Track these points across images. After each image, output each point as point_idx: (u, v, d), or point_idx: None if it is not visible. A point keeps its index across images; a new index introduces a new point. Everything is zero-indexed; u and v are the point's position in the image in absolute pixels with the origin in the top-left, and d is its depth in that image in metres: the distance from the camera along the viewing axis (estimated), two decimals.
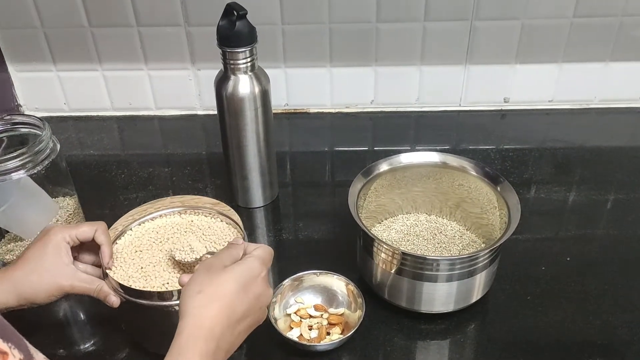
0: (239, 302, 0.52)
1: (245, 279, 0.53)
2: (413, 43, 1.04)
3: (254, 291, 0.53)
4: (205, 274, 0.53)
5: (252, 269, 0.54)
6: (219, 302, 0.51)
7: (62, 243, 0.62)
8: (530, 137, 1.05)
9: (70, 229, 0.63)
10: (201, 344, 0.49)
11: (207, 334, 0.49)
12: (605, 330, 0.69)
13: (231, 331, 0.51)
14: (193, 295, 0.51)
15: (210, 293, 0.51)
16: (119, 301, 0.62)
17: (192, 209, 0.74)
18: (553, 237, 0.83)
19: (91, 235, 0.64)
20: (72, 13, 1.02)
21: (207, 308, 0.50)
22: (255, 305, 0.53)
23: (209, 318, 0.50)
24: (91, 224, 0.65)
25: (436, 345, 0.70)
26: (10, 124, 0.77)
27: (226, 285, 0.52)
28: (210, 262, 0.54)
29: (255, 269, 0.54)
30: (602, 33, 1.03)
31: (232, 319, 0.51)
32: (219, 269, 0.53)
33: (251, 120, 0.81)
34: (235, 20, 0.74)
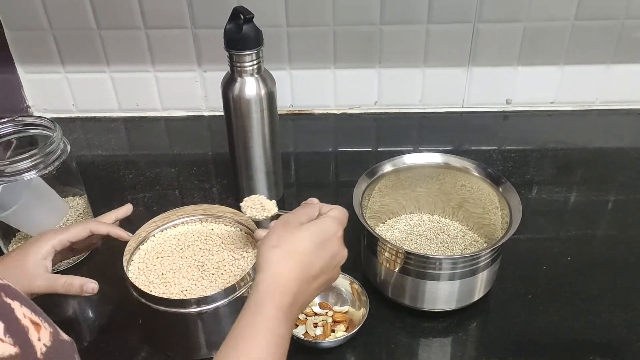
0: (314, 260, 0.53)
1: (321, 237, 0.54)
2: (416, 45, 1.06)
3: (330, 250, 0.54)
4: (282, 230, 0.53)
5: (328, 228, 0.55)
6: (295, 258, 0.52)
7: (49, 250, 0.64)
8: (532, 139, 1.06)
9: (61, 234, 0.65)
10: (278, 297, 0.50)
11: (283, 288, 0.51)
12: (605, 329, 0.70)
13: (306, 287, 0.52)
14: (269, 249, 0.52)
15: (287, 248, 0.52)
16: (97, 285, 0.64)
17: (213, 217, 0.76)
18: (554, 237, 0.84)
19: (85, 234, 0.66)
20: (80, 15, 1.04)
21: (283, 263, 0.51)
22: (330, 264, 0.54)
23: (285, 273, 0.51)
24: (82, 223, 0.67)
25: (438, 342, 0.71)
26: (22, 125, 0.79)
27: (303, 242, 0.53)
28: (287, 218, 0.55)
29: (331, 228, 0.55)
30: (604, 35, 1.04)
31: (307, 275, 0.52)
32: (296, 226, 0.54)
33: (257, 122, 0.82)
34: (242, 23, 0.75)
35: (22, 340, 0.33)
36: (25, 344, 0.33)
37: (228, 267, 0.69)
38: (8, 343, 0.32)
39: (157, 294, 0.65)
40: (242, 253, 0.71)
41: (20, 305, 0.35)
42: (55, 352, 0.36)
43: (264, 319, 0.49)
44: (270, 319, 0.49)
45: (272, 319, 0.49)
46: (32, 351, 0.34)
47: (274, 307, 0.50)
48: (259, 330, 0.49)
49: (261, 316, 0.49)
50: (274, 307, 0.50)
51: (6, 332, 0.33)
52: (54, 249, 0.64)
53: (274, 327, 0.49)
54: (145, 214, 0.89)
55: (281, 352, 0.49)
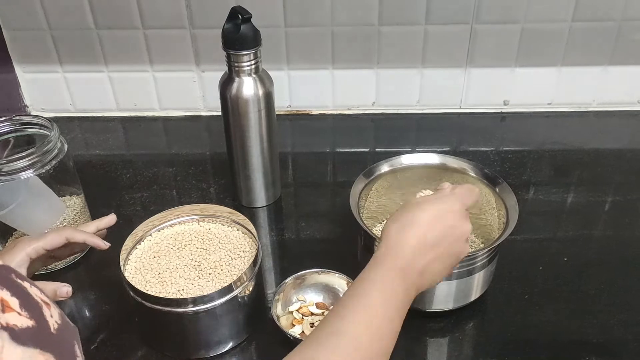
0: (430, 229, 0.54)
1: (438, 210, 0.56)
2: (414, 46, 1.06)
3: (448, 222, 0.55)
4: (402, 209, 0.57)
5: (446, 202, 0.57)
6: (410, 228, 0.54)
7: (24, 258, 0.63)
8: (529, 140, 1.07)
9: (36, 242, 0.64)
10: (390, 260, 0.53)
11: (396, 252, 0.53)
12: (601, 329, 0.70)
13: (423, 255, 0.54)
14: (389, 225, 0.56)
15: (404, 221, 0.55)
16: (70, 289, 0.63)
17: (210, 217, 0.76)
18: (551, 238, 0.85)
19: (61, 242, 0.65)
20: (78, 15, 1.04)
21: (400, 233, 0.54)
22: (448, 235, 0.55)
23: (400, 240, 0.54)
24: (57, 230, 0.66)
25: (435, 342, 0.71)
26: (19, 124, 0.79)
27: (418, 213, 0.55)
28: (411, 200, 0.58)
29: (450, 202, 0.57)
30: (601, 37, 1.04)
31: (422, 243, 0.54)
32: (414, 203, 0.57)
33: (255, 122, 0.82)
34: (240, 23, 0.76)
35: (37, 315, 0.34)
36: (40, 319, 0.34)
37: (225, 267, 0.69)
38: (25, 317, 0.33)
39: (153, 293, 0.65)
40: (238, 253, 0.71)
41: (30, 285, 0.36)
42: (65, 330, 0.36)
43: (377, 276, 0.52)
44: (383, 276, 0.52)
45: (383, 276, 0.52)
46: (46, 326, 0.35)
47: (386, 268, 0.52)
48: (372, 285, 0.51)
49: (375, 273, 0.52)
50: (386, 269, 0.52)
51: (22, 306, 0.33)
52: (28, 257, 0.63)
53: (387, 283, 0.52)
54: (142, 214, 0.89)
55: (394, 311, 0.51)
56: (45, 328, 0.34)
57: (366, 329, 0.49)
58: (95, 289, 0.77)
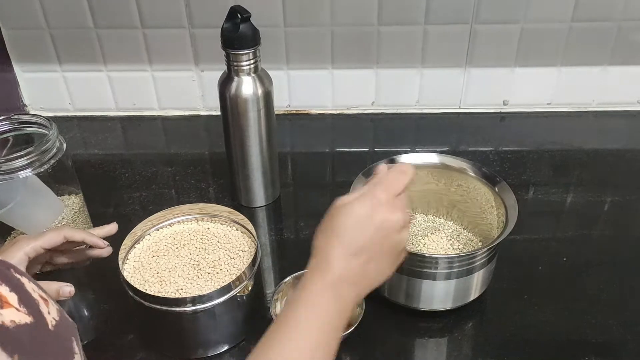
0: (355, 234, 0.51)
1: (361, 210, 0.51)
2: (414, 46, 1.06)
3: (375, 220, 0.51)
4: (327, 215, 0.54)
5: (369, 198, 0.52)
6: (335, 237, 0.51)
7: (22, 258, 0.62)
8: (528, 140, 1.06)
9: (34, 241, 0.63)
10: (319, 276, 0.50)
11: (324, 267, 0.50)
12: (600, 329, 0.70)
13: (353, 264, 0.51)
14: (317, 235, 0.53)
15: (329, 229, 0.52)
16: (73, 288, 0.62)
17: (209, 216, 0.75)
18: (550, 238, 0.85)
19: (59, 240, 0.64)
20: (77, 14, 1.04)
21: (326, 244, 0.51)
22: (378, 233, 0.51)
23: (327, 252, 0.51)
24: (56, 229, 0.65)
25: (434, 342, 0.71)
26: (18, 123, 0.78)
27: (342, 219, 0.52)
28: (338, 202, 0.54)
29: (374, 197, 0.52)
30: (601, 37, 1.04)
31: (350, 252, 0.50)
32: (340, 206, 0.53)
33: (254, 121, 0.82)
34: (240, 22, 0.76)
35: (35, 311, 0.34)
36: (38, 315, 0.34)
37: (224, 266, 0.69)
38: (23, 312, 0.33)
39: (152, 293, 0.65)
40: (237, 252, 0.71)
41: (28, 281, 0.36)
42: (63, 326, 0.36)
43: (308, 294, 0.50)
44: (313, 294, 0.50)
45: (315, 293, 0.50)
46: (44, 322, 0.35)
47: (319, 287, 0.50)
48: (306, 309, 0.49)
49: (308, 294, 0.50)
50: (319, 287, 0.50)
51: (20, 302, 0.33)
52: (27, 256, 0.62)
53: (322, 305, 0.49)
54: (141, 213, 0.89)
55: (330, 332, 0.49)
56: (43, 325, 0.35)
57: (300, 356, 0.47)
58: (94, 288, 0.77)
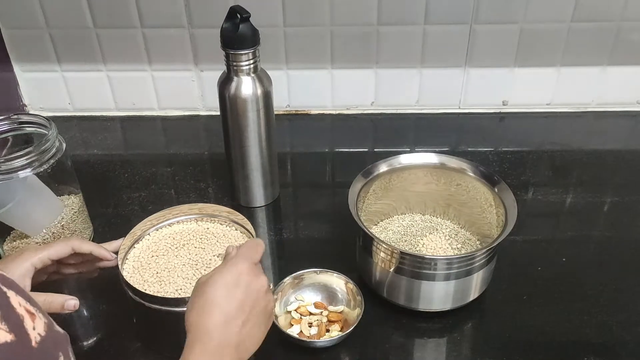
0: (228, 301, 0.53)
1: (228, 279, 0.54)
2: (413, 46, 1.06)
3: (242, 285, 0.54)
4: (194, 295, 0.55)
5: (232, 267, 0.55)
6: (210, 308, 0.53)
7: (28, 268, 0.62)
8: (528, 140, 1.06)
9: (42, 252, 0.63)
10: (199, 346, 0.51)
11: (203, 336, 0.51)
12: (600, 329, 0.70)
13: (232, 327, 0.52)
14: (188, 315, 0.53)
15: (200, 305, 0.53)
16: (77, 302, 0.62)
17: (208, 216, 0.75)
18: (549, 238, 0.85)
19: (67, 252, 0.65)
20: (77, 14, 1.03)
21: (201, 318, 0.52)
22: (249, 297, 0.54)
23: (203, 324, 0.52)
24: (64, 240, 0.65)
25: (433, 343, 0.71)
26: (17, 123, 0.78)
27: (211, 292, 0.53)
28: (200, 280, 0.56)
29: (237, 266, 0.55)
30: (600, 37, 1.04)
31: (227, 317, 0.52)
32: (203, 282, 0.55)
33: (253, 121, 0.82)
34: (239, 22, 0.75)
35: (18, 327, 0.33)
36: (20, 332, 0.33)
37: None
38: (4, 330, 0.32)
39: (151, 293, 0.65)
40: None
41: (15, 294, 0.35)
42: (49, 342, 0.36)
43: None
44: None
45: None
46: (27, 339, 0.34)
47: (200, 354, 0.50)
48: None
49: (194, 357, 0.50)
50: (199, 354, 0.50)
51: (2, 319, 0.33)
52: (34, 267, 0.62)
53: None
54: (140, 213, 0.89)
55: None
56: (25, 342, 0.34)
57: None
58: (94, 288, 0.77)
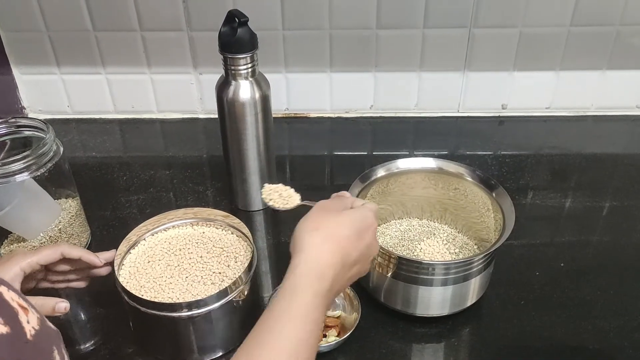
0: (352, 247, 0.52)
1: (360, 226, 0.53)
2: (412, 49, 1.06)
3: (366, 240, 0.53)
4: (322, 213, 0.53)
5: (366, 218, 0.54)
6: (334, 244, 0.51)
7: (17, 273, 0.62)
8: (527, 144, 1.06)
9: (31, 257, 0.63)
10: (315, 283, 0.49)
11: (321, 273, 0.50)
12: (597, 335, 0.70)
13: (343, 275, 0.51)
14: (308, 232, 0.51)
15: (327, 232, 0.51)
16: (68, 305, 0.61)
17: (204, 220, 0.75)
18: (548, 243, 0.84)
19: (56, 257, 0.64)
20: (76, 17, 1.03)
21: (323, 247, 0.51)
22: (365, 254, 0.53)
23: (324, 257, 0.50)
24: (53, 246, 0.65)
25: (431, 348, 0.71)
26: (15, 126, 0.78)
27: (343, 227, 0.52)
28: (324, 204, 0.55)
29: (369, 218, 0.55)
30: (599, 42, 1.04)
31: (345, 263, 0.51)
32: (336, 211, 0.53)
33: (251, 125, 0.82)
34: (237, 27, 0.75)
35: (12, 320, 0.33)
36: (15, 325, 0.34)
37: (220, 271, 0.69)
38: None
39: (148, 298, 0.64)
40: (234, 257, 0.71)
41: (7, 289, 0.35)
42: (43, 336, 0.36)
43: (300, 305, 0.48)
44: (305, 305, 0.48)
45: (308, 304, 0.48)
46: (22, 332, 0.34)
47: (311, 292, 0.48)
48: (293, 315, 0.47)
49: (297, 302, 0.48)
50: (311, 293, 0.48)
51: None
52: (22, 272, 0.62)
53: (309, 312, 0.48)
54: (138, 217, 0.89)
55: (314, 339, 0.48)
56: (20, 335, 0.34)
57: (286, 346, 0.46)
58: (90, 293, 0.77)
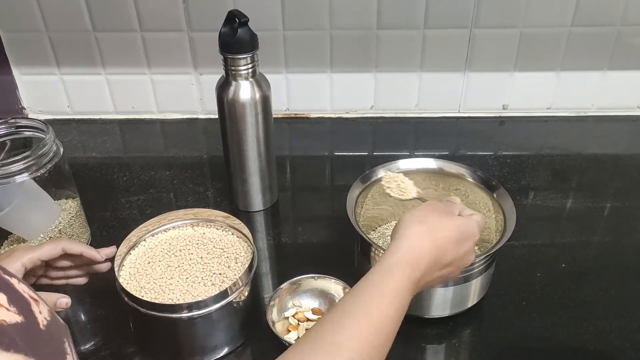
0: (449, 250, 0.54)
1: (463, 233, 0.55)
2: (413, 50, 1.06)
3: (464, 248, 0.55)
4: (430, 210, 0.56)
5: (471, 228, 0.56)
6: (435, 241, 0.53)
7: (18, 268, 0.62)
8: (528, 144, 1.06)
9: (32, 252, 0.63)
10: (409, 269, 0.51)
11: (417, 262, 0.52)
12: (598, 336, 0.70)
13: (433, 271, 0.53)
14: (414, 222, 0.54)
15: (431, 228, 0.54)
16: (69, 300, 0.62)
17: (204, 221, 0.75)
18: (549, 244, 0.84)
19: (57, 252, 0.64)
20: (76, 17, 1.03)
21: (423, 240, 0.53)
22: (459, 261, 0.55)
23: (421, 249, 0.52)
24: (54, 241, 0.65)
25: (432, 349, 0.70)
26: (15, 127, 0.78)
27: (447, 229, 0.54)
28: (436, 204, 0.57)
29: (473, 228, 0.57)
30: (600, 42, 1.04)
31: (438, 261, 0.53)
32: (445, 213, 0.56)
33: (251, 126, 0.82)
34: (237, 27, 0.75)
35: (26, 310, 0.34)
36: (29, 315, 0.34)
37: (220, 272, 0.69)
38: (13, 312, 0.33)
39: (148, 299, 0.64)
40: (234, 258, 0.71)
41: (18, 282, 0.36)
42: (54, 327, 0.36)
43: (393, 282, 0.50)
44: (397, 283, 0.50)
45: (399, 284, 0.50)
46: (35, 322, 0.34)
47: (405, 276, 0.50)
48: (386, 290, 0.49)
49: (391, 279, 0.50)
50: (405, 277, 0.50)
51: (10, 302, 0.33)
52: (24, 267, 0.62)
53: (399, 292, 0.50)
54: (138, 217, 0.89)
55: (398, 317, 0.49)
56: (34, 324, 0.34)
57: (367, 344, 0.47)
58: (90, 294, 0.76)
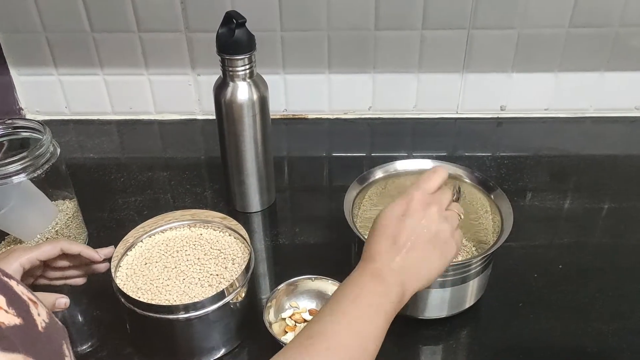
0: (394, 228, 0.56)
1: (396, 208, 0.57)
2: (411, 51, 1.06)
3: (410, 213, 0.56)
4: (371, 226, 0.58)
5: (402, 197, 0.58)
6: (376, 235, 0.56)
7: (17, 269, 0.62)
8: (526, 145, 1.06)
9: (30, 252, 0.63)
10: (362, 266, 0.55)
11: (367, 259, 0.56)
12: (596, 337, 0.70)
13: (395, 253, 0.55)
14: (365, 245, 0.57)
15: (370, 234, 0.57)
16: (68, 300, 0.61)
17: (201, 222, 0.75)
18: (546, 245, 0.84)
19: (56, 252, 0.64)
20: (74, 18, 1.03)
21: (369, 244, 0.57)
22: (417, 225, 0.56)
23: (369, 249, 0.56)
24: (53, 241, 0.65)
25: (429, 350, 0.70)
26: (12, 127, 0.78)
27: (379, 220, 0.57)
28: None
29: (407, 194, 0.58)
30: (598, 43, 1.04)
31: (392, 242, 0.55)
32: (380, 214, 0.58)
33: (249, 127, 0.82)
34: (235, 28, 0.75)
35: (25, 312, 0.34)
36: (27, 317, 0.34)
37: (217, 273, 0.69)
38: (12, 314, 0.33)
39: (145, 300, 0.64)
40: (231, 259, 0.71)
41: (17, 283, 0.36)
42: (53, 329, 0.36)
43: (355, 279, 0.55)
44: (359, 277, 0.54)
45: (362, 277, 0.54)
46: (34, 324, 0.34)
47: (361, 271, 0.55)
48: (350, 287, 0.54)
49: (353, 277, 0.55)
50: (361, 271, 0.55)
51: (9, 304, 0.33)
52: (22, 268, 0.62)
53: (364, 284, 0.54)
54: (136, 218, 0.89)
55: (374, 312, 0.53)
56: (32, 326, 0.34)
57: (346, 330, 0.50)
58: (87, 295, 0.76)
